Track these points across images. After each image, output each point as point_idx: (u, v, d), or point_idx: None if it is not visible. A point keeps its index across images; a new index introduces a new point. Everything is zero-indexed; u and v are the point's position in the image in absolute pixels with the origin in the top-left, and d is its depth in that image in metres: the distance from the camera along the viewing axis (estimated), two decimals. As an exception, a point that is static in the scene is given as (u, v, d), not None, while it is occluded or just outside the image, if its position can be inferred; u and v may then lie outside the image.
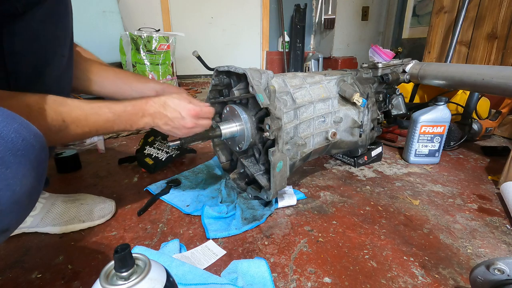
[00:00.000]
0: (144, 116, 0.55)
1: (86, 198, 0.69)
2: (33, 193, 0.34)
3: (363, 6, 2.83)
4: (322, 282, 0.51)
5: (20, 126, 0.32)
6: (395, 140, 1.22)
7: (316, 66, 2.87)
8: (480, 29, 1.47)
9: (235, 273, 0.50)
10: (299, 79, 0.77)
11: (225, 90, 0.80)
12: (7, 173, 0.30)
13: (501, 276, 0.40)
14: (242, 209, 0.71)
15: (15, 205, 0.31)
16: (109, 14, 1.98)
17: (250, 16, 2.91)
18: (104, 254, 0.58)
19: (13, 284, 0.50)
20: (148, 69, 1.99)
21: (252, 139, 0.69)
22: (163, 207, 0.74)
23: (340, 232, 0.64)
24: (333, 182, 0.88)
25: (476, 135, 1.20)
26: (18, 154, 0.31)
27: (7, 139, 0.30)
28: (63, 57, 0.54)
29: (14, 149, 0.30)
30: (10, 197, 0.30)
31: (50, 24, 0.48)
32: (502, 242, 0.61)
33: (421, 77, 1.06)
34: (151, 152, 0.96)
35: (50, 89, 0.49)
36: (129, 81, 0.71)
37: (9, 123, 0.31)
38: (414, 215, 0.71)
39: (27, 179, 0.32)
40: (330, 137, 0.78)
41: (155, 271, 0.29)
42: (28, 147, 0.32)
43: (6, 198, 0.30)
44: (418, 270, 0.53)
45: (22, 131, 0.32)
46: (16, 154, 0.30)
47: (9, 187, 0.30)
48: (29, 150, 0.32)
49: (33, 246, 0.60)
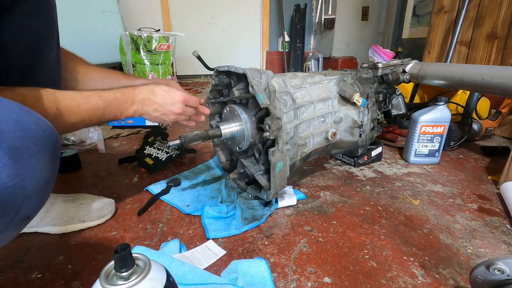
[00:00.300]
0: (133, 104, 0.57)
1: (86, 198, 0.69)
2: (50, 182, 0.37)
3: (363, 6, 2.83)
4: (322, 282, 0.51)
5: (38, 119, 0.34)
6: (395, 140, 1.22)
7: (316, 66, 2.88)
8: (480, 29, 1.47)
9: (235, 273, 0.50)
10: (299, 79, 0.77)
11: (225, 90, 0.80)
12: (32, 161, 0.32)
13: (501, 276, 0.40)
14: (242, 209, 0.71)
15: (37, 192, 0.34)
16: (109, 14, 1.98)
17: (250, 16, 2.91)
18: (104, 254, 0.58)
19: (13, 284, 0.50)
20: (148, 69, 1.99)
21: (252, 139, 0.69)
22: (163, 207, 0.74)
23: (340, 232, 0.65)
24: (333, 182, 0.88)
25: (476, 135, 1.20)
26: (39, 144, 0.33)
27: (29, 130, 0.32)
28: (51, 50, 0.54)
29: (35, 140, 0.33)
30: (34, 184, 0.33)
31: (36, 18, 0.49)
32: (502, 242, 0.61)
33: (421, 77, 1.06)
34: (151, 152, 0.96)
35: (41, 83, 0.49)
36: (117, 78, 0.72)
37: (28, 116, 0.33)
38: (414, 215, 0.71)
39: (47, 168, 0.35)
40: (330, 137, 0.78)
41: (155, 271, 0.29)
42: (47, 138, 0.34)
43: (31, 185, 0.32)
44: (418, 270, 0.53)
45: (40, 123, 0.34)
46: (38, 144, 0.33)
47: (33, 175, 0.32)
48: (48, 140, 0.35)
49: (33, 246, 0.60)
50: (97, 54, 1.84)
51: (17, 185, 0.30)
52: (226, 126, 0.69)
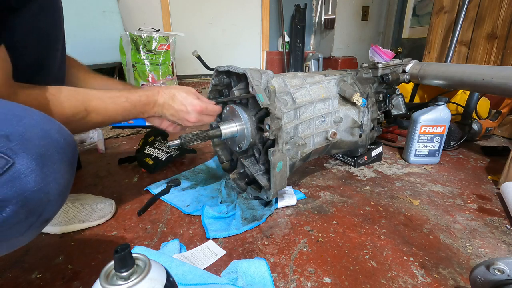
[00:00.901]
0: (155, 106, 0.60)
1: (86, 198, 0.69)
2: (68, 187, 0.38)
3: (363, 6, 2.82)
4: (322, 282, 0.51)
5: (60, 128, 0.37)
6: (395, 140, 1.22)
7: (316, 66, 2.87)
8: (480, 29, 1.47)
9: (235, 273, 0.50)
10: (299, 79, 0.77)
11: (225, 90, 0.80)
12: (55, 167, 0.34)
13: (501, 276, 0.40)
14: (242, 209, 0.71)
15: (59, 197, 0.35)
16: (109, 14, 1.98)
17: (250, 16, 2.90)
18: (104, 254, 0.58)
19: (13, 284, 0.50)
20: (148, 69, 1.99)
21: (252, 139, 0.69)
22: (163, 207, 0.74)
23: (340, 232, 0.64)
24: (333, 182, 0.88)
25: (476, 135, 1.20)
26: (61, 151, 0.35)
27: (53, 138, 0.35)
28: (58, 50, 0.55)
29: (58, 147, 0.35)
30: (56, 189, 0.34)
31: (43, 18, 0.50)
32: (502, 242, 0.61)
33: (421, 77, 1.06)
34: (151, 152, 0.96)
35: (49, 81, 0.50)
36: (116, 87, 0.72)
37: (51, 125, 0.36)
38: (414, 215, 0.71)
39: (67, 174, 0.36)
40: (330, 137, 0.78)
41: (155, 271, 0.29)
42: (67, 146, 0.36)
43: (53, 190, 0.34)
44: (418, 270, 0.53)
45: (63, 132, 0.36)
46: (60, 152, 0.35)
47: (56, 180, 0.34)
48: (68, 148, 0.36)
49: (33, 246, 0.60)
50: (97, 54, 1.84)
51: (42, 190, 0.32)
52: (226, 126, 0.69)
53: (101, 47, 1.88)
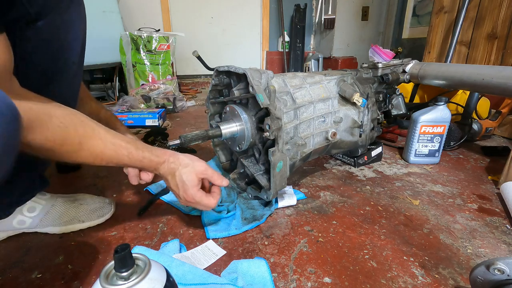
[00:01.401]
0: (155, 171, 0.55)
1: (85, 198, 0.69)
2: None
3: (363, 6, 2.83)
4: (322, 282, 0.51)
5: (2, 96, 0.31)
6: (395, 140, 1.22)
7: (316, 66, 2.87)
8: (480, 29, 1.47)
9: (235, 273, 0.50)
10: (299, 79, 0.77)
11: (225, 90, 0.80)
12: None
13: (501, 276, 0.40)
14: (242, 209, 0.71)
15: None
16: (109, 14, 1.98)
17: (250, 16, 2.91)
18: (104, 254, 0.58)
19: (13, 284, 0.50)
20: (148, 69, 1.99)
21: (252, 139, 0.69)
22: (163, 207, 0.74)
23: (340, 232, 0.64)
24: (333, 182, 0.88)
25: (476, 135, 1.20)
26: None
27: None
28: (73, 64, 0.55)
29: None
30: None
31: (62, 31, 0.49)
32: (502, 242, 0.61)
33: (421, 77, 1.06)
34: (151, 152, 0.96)
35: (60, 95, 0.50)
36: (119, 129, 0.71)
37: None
38: (414, 215, 0.71)
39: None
40: (330, 137, 0.78)
41: (155, 271, 0.29)
42: None
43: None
44: (418, 270, 0.53)
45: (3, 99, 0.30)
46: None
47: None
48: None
49: (33, 246, 0.60)
50: (97, 54, 1.84)
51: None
52: (226, 126, 0.69)
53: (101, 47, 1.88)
